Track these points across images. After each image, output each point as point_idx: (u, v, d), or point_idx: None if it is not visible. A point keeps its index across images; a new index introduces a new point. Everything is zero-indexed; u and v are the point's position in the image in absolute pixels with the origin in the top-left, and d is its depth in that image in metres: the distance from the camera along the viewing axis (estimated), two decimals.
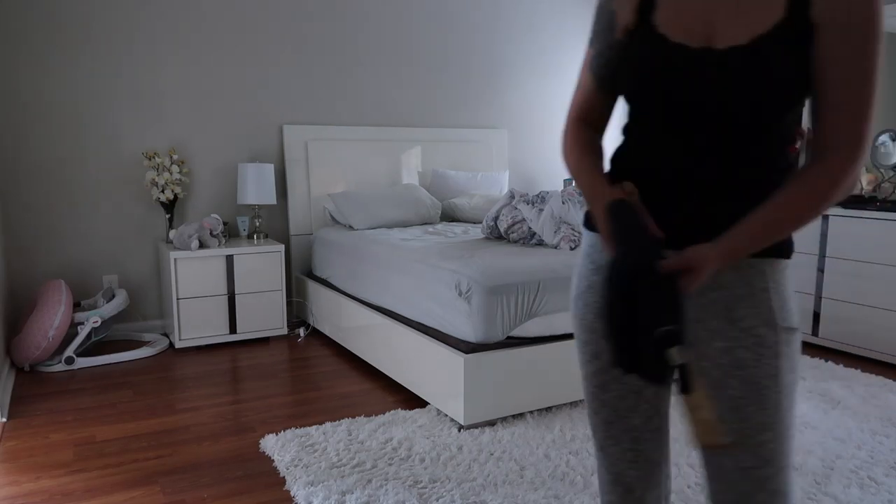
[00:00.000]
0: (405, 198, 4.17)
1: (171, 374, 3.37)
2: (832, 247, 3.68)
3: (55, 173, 3.76)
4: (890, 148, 3.85)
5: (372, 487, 2.17)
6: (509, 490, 2.17)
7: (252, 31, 4.15)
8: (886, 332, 3.47)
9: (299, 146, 4.30)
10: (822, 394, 3.03)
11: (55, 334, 3.27)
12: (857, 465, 2.35)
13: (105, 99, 3.83)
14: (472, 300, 2.66)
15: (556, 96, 5.28)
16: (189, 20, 3.98)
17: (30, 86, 3.65)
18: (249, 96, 4.19)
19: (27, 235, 3.73)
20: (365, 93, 4.55)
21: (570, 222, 3.17)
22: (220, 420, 2.78)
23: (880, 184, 3.88)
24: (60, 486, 2.22)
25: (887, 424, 2.71)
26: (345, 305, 3.63)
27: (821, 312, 3.76)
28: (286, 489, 2.20)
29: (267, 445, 2.50)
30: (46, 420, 2.78)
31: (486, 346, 2.67)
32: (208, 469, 2.35)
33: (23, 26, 3.60)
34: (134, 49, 3.86)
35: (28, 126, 3.67)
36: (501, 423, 2.68)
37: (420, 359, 2.89)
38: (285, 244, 4.28)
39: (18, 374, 3.34)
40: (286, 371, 3.41)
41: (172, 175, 3.81)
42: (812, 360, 3.52)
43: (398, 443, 2.50)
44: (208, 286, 3.72)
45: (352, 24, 4.44)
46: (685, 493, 2.16)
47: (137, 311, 4.02)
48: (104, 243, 3.91)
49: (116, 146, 3.88)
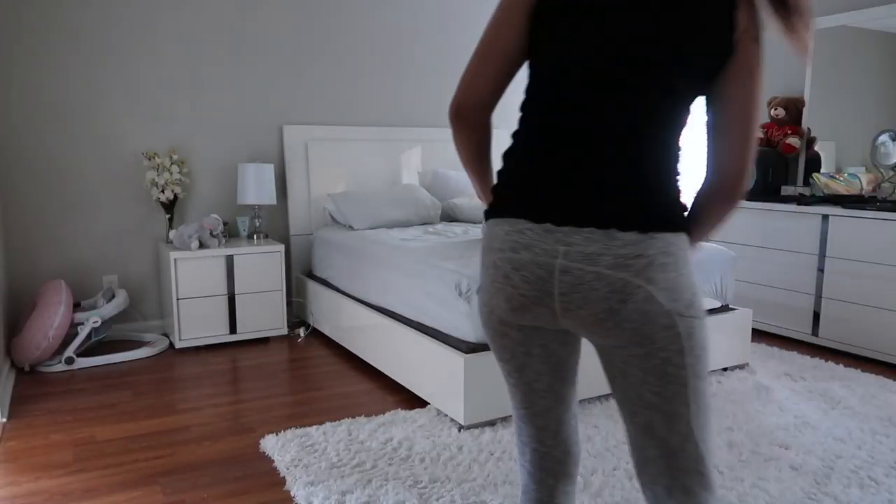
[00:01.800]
0: (405, 198, 4.17)
1: (171, 374, 3.37)
2: (832, 247, 3.68)
3: (55, 173, 3.76)
4: (890, 148, 3.85)
5: (372, 487, 2.17)
6: (509, 490, 2.17)
7: (252, 31, 4.15)
8: (886, 332, 3.47)
9: (299, 146, 4.30)
10: (822, 394, 3.04)
11: (55, 334, 3.27)
12: (857, 465, 2.35)
13: (105, 99, 3.83)
14: (472, 300, 2.66)
15: None
16: (189, 20, 3.98)
17: (30, 86, 3.65)
18: (249, 96, 4.19)
19: (27, 235, 3.72)
20: (365, 93, 4.55)
21: None
22: (220, 420, 2.78)
23: (880, 184, 3.88)
24: (60, 487, 2.22)
25: (887, 424, 2.71)
26: (345, 305, 3.63)
27: (821, 312, 3.76)
28: (286, 489, 2.20)
29: (267, 445, 2.50)
30: (46, 420, 2.78)
31: (487, 346, 2.67)
32: (208, 469, 2.35)
33: (23, 27, 3.60)
34: (134, 49, 3.86)
35: (28, 126, 3.67)
36: (501, 423, 2.68)
37: (420, 359, 2.89)
38: (285, 244, 4.28)
39: (18, 375, 3.34)
40: (286, 371, 3.41)
41: (172, 175, 3.81)
42: (812, 360, 3.52)
43: (398, 443, 2.50)
44: (208, 286, 3.72)
45: (352, 24, 4.44)
46: None
47: (137, 311, 4.02)
48: (104, 243, 3.91)
49: (116, 146, 3.88)
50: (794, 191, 4.22)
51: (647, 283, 1.05)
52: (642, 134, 1.09)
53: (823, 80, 4.20)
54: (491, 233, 1.17)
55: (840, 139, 4.14)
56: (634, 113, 1.09)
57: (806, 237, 3.81)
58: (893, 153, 3.83)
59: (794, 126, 4.28)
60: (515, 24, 1.13)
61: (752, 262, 4.11)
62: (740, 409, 2.85)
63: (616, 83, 1.08)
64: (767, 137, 4.36)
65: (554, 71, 1.12)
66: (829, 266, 3.71)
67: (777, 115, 4.31)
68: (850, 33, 4.05)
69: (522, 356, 1.23)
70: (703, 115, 1.24)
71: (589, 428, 2.65)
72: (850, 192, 3.88)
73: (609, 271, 1.05)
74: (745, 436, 2.58)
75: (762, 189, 4.22)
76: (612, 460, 2.38)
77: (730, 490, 2.18)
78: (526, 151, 1.18)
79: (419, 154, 4.69)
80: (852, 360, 3.60)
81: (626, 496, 2.13)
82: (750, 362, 3.47)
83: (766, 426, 2.68)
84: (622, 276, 1.05)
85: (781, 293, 3.96)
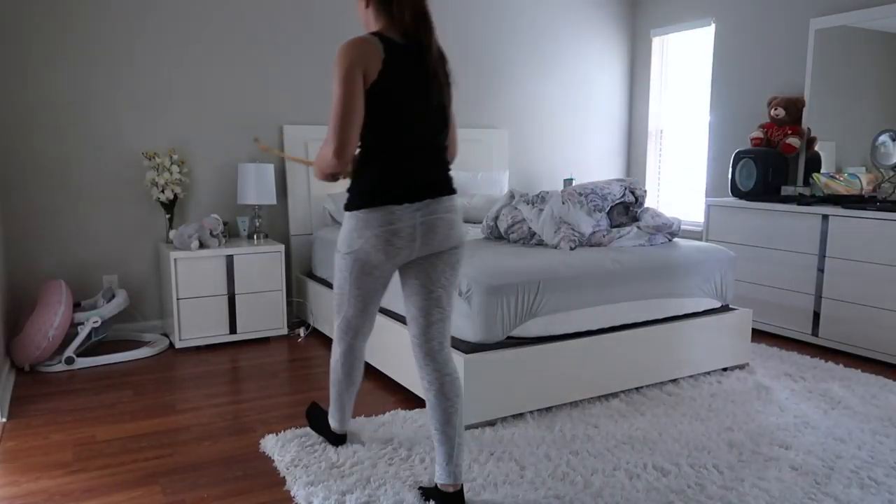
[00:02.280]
0: None
1: (171, 374, 3.37)
2: (832, 247, 3.68)
3: (55, 173, 3.76)
4: (890, 148, 3.85)
5: (372, 487, 2.17)
6: (509, 490, 2.17)
7: (252, 31, 4.15)
8: (886, 332, 3.47)
9: (299, 146, 4.30)
10: (822, 394, 3.03)
11: (55, 334, 3.27)
12: (858, 465, 2.35)
13: (105, 99, 3.83)
14: (473, 300, 2.66)
15: (556, 96, 5.28)
16: (189, 20, 3.98)
17: (30, 86, 3.65)
18: (249, 96, 4.19)
19: (27, 235, 3.73)
20: None
21: (571, 222, 3.17)
22: (220, 420, 2.78)
23: (880, 184, 3.88)
24: (60, 487, 2.22)
25: (887, 424, 2.71)
26: None
27: (821, 312, 3.76)
28: (286, 489, 2.20)
29: (267, 445, 2.50)
30: (46, 420, 2.78)
31: (487, 346, 2.67)
32: (208, 469, 2.35)
33: (23, 27, 3.60)
34: (134, 49, 3.86)
35: (28, 126, 3.67)
36: (501, 423, 2.68)
37: None
38: (285, 244, 4.28)
39: (18, 375, 3.34)
40: (286, 371, 3.41)
41: (172, 175, 3.81)
42: (812, 360, 3.52)
43: (398, 443, 2.50)
44: (208, 286, 3.72)
45: (352, 24, 4.44)
46: (685, 493, 2.16)
47: (137, 311, 4.02)
48: (104, 243, 3.91)
49: (116, 146, 3.88)
50: (794, 191, 4.22)
51: (458, 219, 2.05)
52: (443, 147, 2.06)
53: (823, 80, 4.20)
54: (367, 217, 1.96)
55: (840, 139, 4.14)
56: (440, 138, 2.03)
57: (806, 237, 3.81)
58: (893, 153, 3.83)
59: (794, 126, 4.28)
60: (361, 98, 1.89)
61: (752, 262, 4.11)
62: (740, 409, 2.85)
63: (432, 125, 2.00)
64: (767, 137, 4.36)
65: (397, 121, 1.94)
66: (829, 266, 3.71)
67: (777, 115, 4.30)
68: (850, 33, 4.05)
69: (378, 285, 2.11)
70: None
71: (589, 428, 2.65)
72: (850, 192, 3.88)
73: (447, 214, 2.00)
74: (745, 436, 2.58)
75: (762, 189, 4.22)
76: (612, 460, 2.38)
77: (730, 490, 2.18)
78: (383, 168, 1.96)
79: None
80: (852, 360, 3.60)
81: (626, 496, 2.13)
82: (750, 362, 3.47)
83: (766, 426, 2.68)
84: (452, 217, 2.02)
85: (781, 293, 3.96)
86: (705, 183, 5.05)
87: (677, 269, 3.14)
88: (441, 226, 1.98)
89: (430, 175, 2.00)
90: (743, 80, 4.73)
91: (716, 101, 4.93)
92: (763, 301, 4.06)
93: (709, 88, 5.00)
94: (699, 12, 5.03)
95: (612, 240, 3.21)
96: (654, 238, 3.28)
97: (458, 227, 2.03)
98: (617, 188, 3.30)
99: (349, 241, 2.01)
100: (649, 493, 2.16)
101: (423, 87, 1.96)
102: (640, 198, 3.38)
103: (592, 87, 5.47)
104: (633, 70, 5.63)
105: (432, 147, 2.02)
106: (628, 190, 3.34)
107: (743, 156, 4.32)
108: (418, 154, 1.99)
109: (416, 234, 1.96)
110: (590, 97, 5.47)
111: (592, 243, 3.21)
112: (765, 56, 4.58)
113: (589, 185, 3.28)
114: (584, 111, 5.45)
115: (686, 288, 3.18)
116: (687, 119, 5.33)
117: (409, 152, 1.97)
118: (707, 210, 4.39)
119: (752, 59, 4.66)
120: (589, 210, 3.19)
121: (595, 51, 5.42)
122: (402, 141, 1.96)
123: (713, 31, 4.92)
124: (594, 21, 5.38)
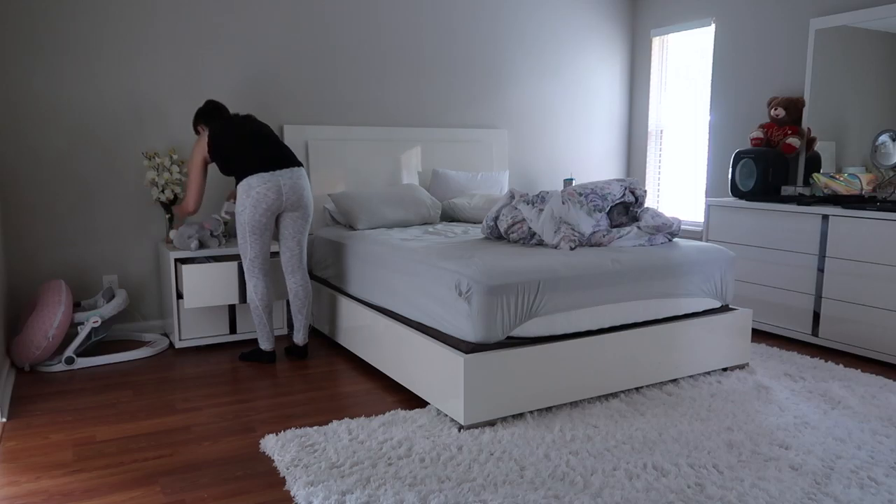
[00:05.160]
0: (405, 198, 4.17)
1: (171, 374, 3.37)
2: (832, 247, 3.68)
3: (55, 173, 3.76)
4: (890, 148, 3.85)
5: (372, 487, 2.18)
6: (509, 490, 2.17)
7: (252, 31, 4.15)
8: (886, 332, 3.47)
9: (299, 146, 4.30)
10: (822, 394, 3.03)
11: (55, 334, 3.27)
12: (858, 466, 2.35)
13: (105, 99, 3.83)
14: (472, 300, 2.66)
15: (556, 96, 5.29)
16: (189, 20, 3.98)
17: (30, 86, 3.65)
18: (249, 96, 4.19)
19: (27, 235, 3.73)
20: (365, 93, 4.56)
21: (571, 222, 3.17)
22: (220, 420, 2.79)
23: (880, 184, 3.88)
24: (60, 487, 2.22)
25: (887, 424, 2.71)
26: (345, 305, 3.63)
27: (821, 312, 3.76)
28: (286, 489, 2.20)
29: (267, 445, 2.51)
30: (46, 420, 2.78)
31: (486, 346, 2.67)
32: (208, 469, 2.35)
33: (23, 27, 3.60)
34: (134, 49, 3.86)
35: (28, 126, 3.67)
36: (501, 423, 2.68)
37: (420, 359, 2.89)
38: None
39: (18, 374, 3.35)
40: (286, 371, 3.41)
41: (172, 175, 3.81)
42: (812, 360, 3.52)
43: (398, 443, 2.50)
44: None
45: (352, 25, 4.45)
46: (685, 492, 2.16)
47: (137, 311, 4.02)
48: (104, 243, 3.91)
49: (116, 146, 3.88)
50: (794, 191, 4.22)
51: (307, 184, 3.37)
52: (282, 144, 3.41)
53: (823, 81, 4.20)
54: (249, 182, 3.20)
55: (840, 139, 4.14)
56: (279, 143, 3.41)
57: (806, 237, 3.81)
58: (893, 153, 3.83)
59: (794, 126, 4.28)
60: (205, 165, 3.37)
61: (752, 262, 4.11)
62: (740, 409, 2.85)
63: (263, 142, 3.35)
64: (767, 137, 4.36)
65: (243, 159, 3.27)
66: (829, 266, 3.71)
67: (777, 115, 4.30)
68: (850, 33, 4.05)
69: (267, 231, 3.28)
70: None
71: (589, 428, 2.65)
72: (850, 192, 3.88)
73: (300, 181, 3.31)
74: (745, 436, 2.58)
75: (762, 189, 4.22)
76: (612, 460, 2.38)
77: (730, 490, 2.18)
78: (250, 161, 3.23)
79: (419, 154, 4.69)
80: (852, 360, 3.60)
81: (626, 496, 2.13)
82: (750, 362, 3.47)
83: (766, 426, 2.68)
84: (303, 183, 3.33)
85: (781, 293, 3.96)
86: (705, 183, 5.05)
87: (677, 269, 3.14)
88: (294, 188, 3.33)
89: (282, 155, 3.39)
90: (743, 80, 4.73)
91: (716, 101, 4.94)
92: (763, 301, 4.07)
93: (709, 88, 5.00)
94: (699, 12, 5.03)
95: (612, 240, 3.21)
96: (654, 238, 3.28)
97: (306, 190, 3.38)
98: (617, 188, 3.30)
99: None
100: (649, 493, 2.16)
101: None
102: (640, 198, 3.38)
103: (592, 87, 5.47)
104: (633, 70, 5.63)
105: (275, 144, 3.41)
106: (628, 190, 3.34)
107: (743, 156, 4.32)
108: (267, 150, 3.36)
109: (282, 193, 3.27)
110: (590, 97, 5.47)
111: (592, 243, 3.21)
112: (765, 56, 4.58)
113: (589, 185, 3.28)
114: (584, 111, 5.46)
115: (686, 288, 3.18)
116: (687, 119, 5.33)
117: (262, 150, 3.35)
118: (707, 210, 4.39)
119: (752, 59, 4.66)
120: (589, 210, 3.19)
121: (595, 51, 5.43)
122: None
123: (713, 31, 4.93)
124: (594, 21, 5.39)
